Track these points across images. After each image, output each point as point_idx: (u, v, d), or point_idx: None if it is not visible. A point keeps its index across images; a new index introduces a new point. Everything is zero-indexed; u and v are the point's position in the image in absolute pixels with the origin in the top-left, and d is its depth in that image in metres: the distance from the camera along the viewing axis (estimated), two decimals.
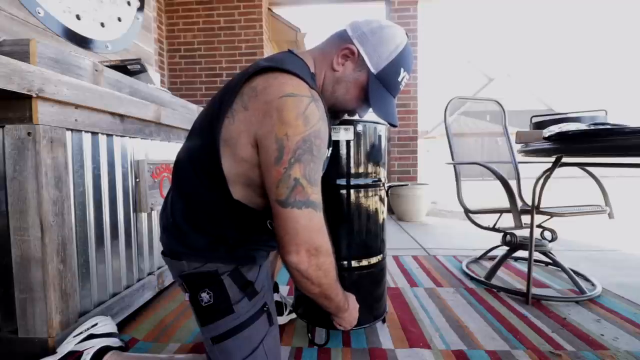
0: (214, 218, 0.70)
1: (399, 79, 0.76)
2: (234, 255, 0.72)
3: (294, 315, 1.16)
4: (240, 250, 0.73)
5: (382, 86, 0.74)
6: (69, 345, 0.83)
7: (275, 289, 1.19)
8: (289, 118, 0.59)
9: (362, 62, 0.73)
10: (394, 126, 0.80)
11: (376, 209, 1.03)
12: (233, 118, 0.63)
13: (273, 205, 0.62)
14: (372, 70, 0.73)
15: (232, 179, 0.66)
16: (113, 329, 0.93)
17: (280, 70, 0.63)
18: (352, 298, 0.85)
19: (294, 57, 0.72)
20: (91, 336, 0.86)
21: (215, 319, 0.70)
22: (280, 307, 1.15)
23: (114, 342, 0.89)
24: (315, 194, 0.61)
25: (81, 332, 0.86)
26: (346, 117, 0.91)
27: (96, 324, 0.89)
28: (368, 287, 1.03)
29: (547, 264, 1.73)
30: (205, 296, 0.70)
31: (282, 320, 1.14)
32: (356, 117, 0.97)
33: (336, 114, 0.82)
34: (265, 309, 0.74)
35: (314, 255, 0.61)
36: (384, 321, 1.14)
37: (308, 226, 0.60)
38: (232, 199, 0.67)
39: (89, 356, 0.81)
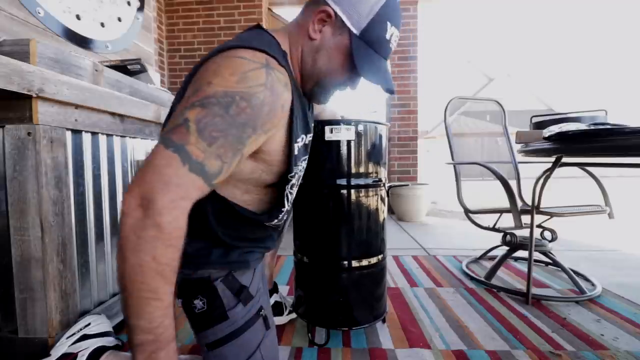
0: (204, 220, 0.66)
1: (387, 37, 0.65)
2: (227, 260, 0.70)
3: (294, 315, 1.16)
4: (234, 254, 0.70)
5: (369, 47, 0.64)
6: (62, 347, 0.81)
7: (275, 289, 1.19)
8: (223, 72, 0.52)
9: (342, 23, 0.64)
10: (391, 92, 0.69)
11: (376, 208, 1.03)
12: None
13: None
14: (354, 30, 0.63)
15: None
16: (108, 327, 0.90)
17: (241, 47, 0.56)
18: None
19: (263, 33, 0.65)
20: (85, 337, 0.84)
21: (210, 325, 0.68)
22: (280, 307, 1.15)
23: (109, 341, 0.86)
24: (197, 146, 0.46)
25: (74, 333, 0.84)
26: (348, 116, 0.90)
27: (89, 324, 0.87)
28: (368, 287, 1.03)
29: (547, 264, 1.73)
30: (198, 303, 0.68)
31: (283, 320, 1.14)
32: (356, 116, 0.97)
33: (325, 91, 0.71)
34: (261, 313, 0.72)
35: (144, 207, 0.43)
36: (384, 321, 1.14)
37: (160, 171, 0.44)
38: (219, 196, 0.64)
39: (84, 358, 0.79)
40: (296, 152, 0.68)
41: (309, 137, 0.78)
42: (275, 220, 0.76)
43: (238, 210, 0.67)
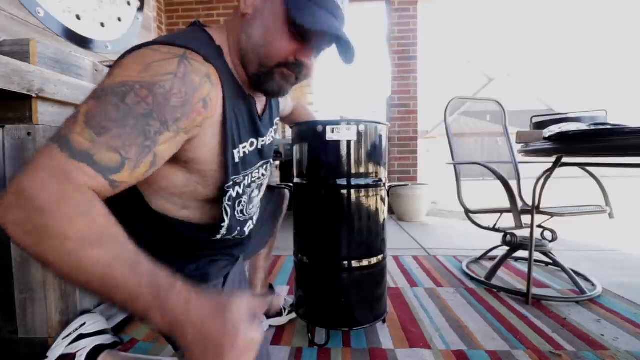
0: (135, 232, 0.52)
1: None
2: (182, 276, 0.58)
3: (293, 316, 1.16)
4: (190, 267, 0.62)
5: (309, 1, 0.54)
6: (59, 348, 0.80)
7: (271, 291, 1.19)
8: (127, 62, 0.47)
9: None
10: (347, 51, 0.58)
11: (377, 209, 1.03)
12: None
13: None
14: None
15: (141, 186, 0.55)
16: (104, 325, 0.89)
17: (158, 43, 0.50)
18: (207, 306, 0.38)
19: (197, 30, 0.59)
20: (81, 336, 0.83)
21: None
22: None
23: (106, 339, 0.85)
24: (82, 136, 0.39)
25: (70, 334, 0.83)
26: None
27: (84, 323, 0.86)
28: (368, 287, 1.03)
29: (547, 264, 1.73)
30: None
31: (282, 320, 1.14)
32: (356, 116, 0.97)
33: (271, 73, 0.59)
34: None
35: (16, 196, 0.35)
36: (384, 321, 1.14)
37: (38, 162, 0.38)
38: (152, 211, 0.57)
39: (83, 357, 0.79)
40: (237, 160, 0.61)
41: (263, 140, 0.71)
42: (219, 236, 0.66)
43: (174, 226, 0.60)
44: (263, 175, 0.77)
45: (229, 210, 0.65)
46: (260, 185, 0.78)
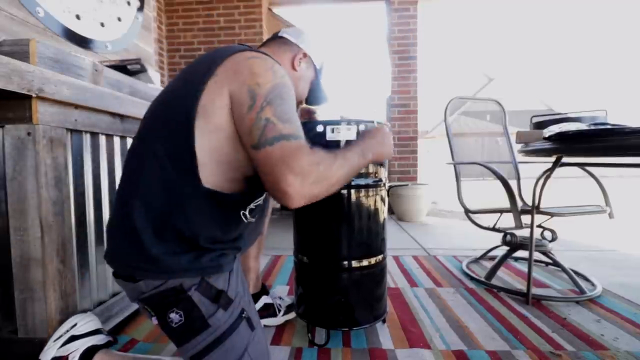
0: (179, 213, 0.63)
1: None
2: (198, 266, 0.65)
3: (289, 316, 1.16)
4: (206, 258, 0.66)
5: (321, 77, 0.98)
6: (50, 351, 0.77)
7: (263, 291, 1.19)
8: (259, 70, 0.64)
9: (310, 59, 0.93)
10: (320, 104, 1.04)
11: (377, 209, 1.03)
12: (206, 89, 0.63)
13: (250, 154, 0.62)
14: (316, 64, 0.95)
15: (203, 158, 0.61)
16: (97, 325, 0.87)
17: (245, 50, 0.69)
18: (370, 141, 0.80)
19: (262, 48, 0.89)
20: (73, 338, 0.80)
21: (192, 337, 0.65)
22: (271, 309, 1.14)
23: (99, 339, 0.83)
24: (288, 128, 0.61)
25: (61, 336, 0.80)
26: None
27: (75, 324, 0.83)
28: (368, 287, 1.03)
29: (547, 264, 1.73)
30: (175, 316, 0.64)
31: (277, 321, 1.14)
32: (355, 116, 0.98)
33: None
34: (243, 315, 0.70)
35: (301, 175, 0.57)
36: (384, 321, 1.14)
37: (282, 156, 0.58)
38: (202, 187, 0.62)
39: (76, 359, 0.77)
40: None
41: None
42: (253, 204, 0.75)
43: (220, 201, 0.66)
44: None
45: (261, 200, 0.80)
46: None
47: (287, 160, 0.57)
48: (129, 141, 1.18)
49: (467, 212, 1.66)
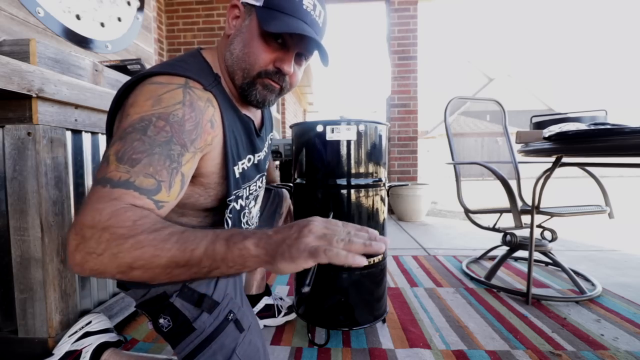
0: None
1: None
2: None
3: (290, 317, 1.16)
4: None
5: (277, 11, 0.59)
6: (65, 345, 0.83)
7: (266, 292, 1.19)
8: (138, 100, 0.53)
9: (249, 7, 0.62)
10: (324, 61, 0.65)
11: (377, 209, 1.03)
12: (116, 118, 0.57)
13: None
14: (257, 3, 0.61)
15: None
16: (108, 325, 0.92)
17: (157, 73, 0.56)
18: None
19: (197, 56, 0.66)
20: (87, 334, 0.85)
21: (181, 339, 0.67)
22: (272, 310, 1.15)
23: (111, 337, 0.88)
24: (118, 171, 0.46)
25: (76, 332, 0.85)
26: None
27: (90, 322, 0.88)
28: (368, 287, 1.03)
29: (547, 264, 1.73)
30: (164, 322, 0.67)
31: (277, 322, 1.14)
32: (355, 116, 0.97)
33: (254, 83, 0.65)
34: (229, 317, 0.69)
35: (80, 235, 0.41)
36: (384, 321, 1.14)
37: (83, 204, 0.44)
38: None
39: (89, 354, 0.81)
40: (237, 175, 0.68)
41: (259, 155, 0.79)
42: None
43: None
44: (259, 187, 0.84)
45: (229, 221, 0.71)
46: (256, 197, 0.85)
47: (80, 211, 0.43)
48: None
49: (467, 212, 1.66)
